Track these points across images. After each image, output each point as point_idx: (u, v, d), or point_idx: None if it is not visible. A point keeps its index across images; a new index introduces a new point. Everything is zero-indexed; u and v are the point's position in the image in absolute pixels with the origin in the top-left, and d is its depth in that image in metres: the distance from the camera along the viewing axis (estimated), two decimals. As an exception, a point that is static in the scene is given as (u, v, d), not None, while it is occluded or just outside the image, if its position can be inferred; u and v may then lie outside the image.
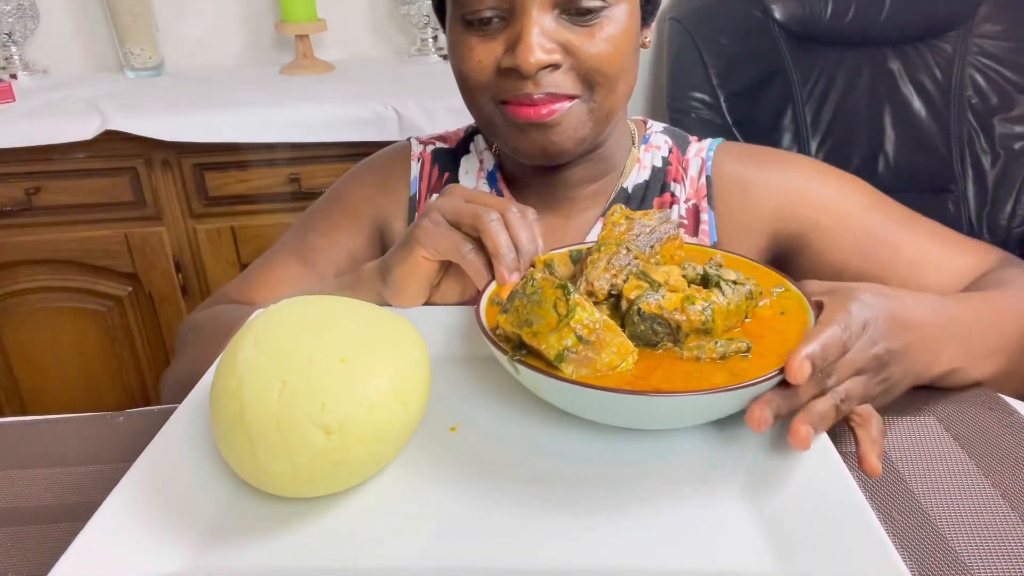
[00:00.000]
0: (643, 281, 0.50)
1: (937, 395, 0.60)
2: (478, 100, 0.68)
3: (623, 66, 0.66)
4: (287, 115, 1.46)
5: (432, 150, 0.83)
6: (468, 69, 0.66)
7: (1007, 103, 1.62)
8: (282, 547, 0.42)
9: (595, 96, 0.66)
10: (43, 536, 0.48)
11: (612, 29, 0.64)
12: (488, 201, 0.57)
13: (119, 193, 1.52)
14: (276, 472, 0.42)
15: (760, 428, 0.43)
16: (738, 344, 0.47)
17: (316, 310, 0.47)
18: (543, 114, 0.65)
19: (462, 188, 0.60)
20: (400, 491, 0.46)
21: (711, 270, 0.52)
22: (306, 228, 0.83)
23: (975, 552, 0.45)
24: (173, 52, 1.85)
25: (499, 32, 0.64)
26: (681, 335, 0.48)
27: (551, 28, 0.63)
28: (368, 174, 0.85)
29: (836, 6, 1.61)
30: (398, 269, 0.59)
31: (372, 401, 0.42)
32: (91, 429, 0.60)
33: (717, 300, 0.49)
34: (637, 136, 0.80)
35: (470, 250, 0.55)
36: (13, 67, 1.77)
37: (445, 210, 0.57)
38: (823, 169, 0.78)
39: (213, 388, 0.45)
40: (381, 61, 1.90)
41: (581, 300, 0.45)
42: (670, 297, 0.48)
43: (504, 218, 0.55)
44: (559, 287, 0.45)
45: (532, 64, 0.61)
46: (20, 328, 1.62)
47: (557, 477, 0.47)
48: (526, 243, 0.55)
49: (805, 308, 0.51)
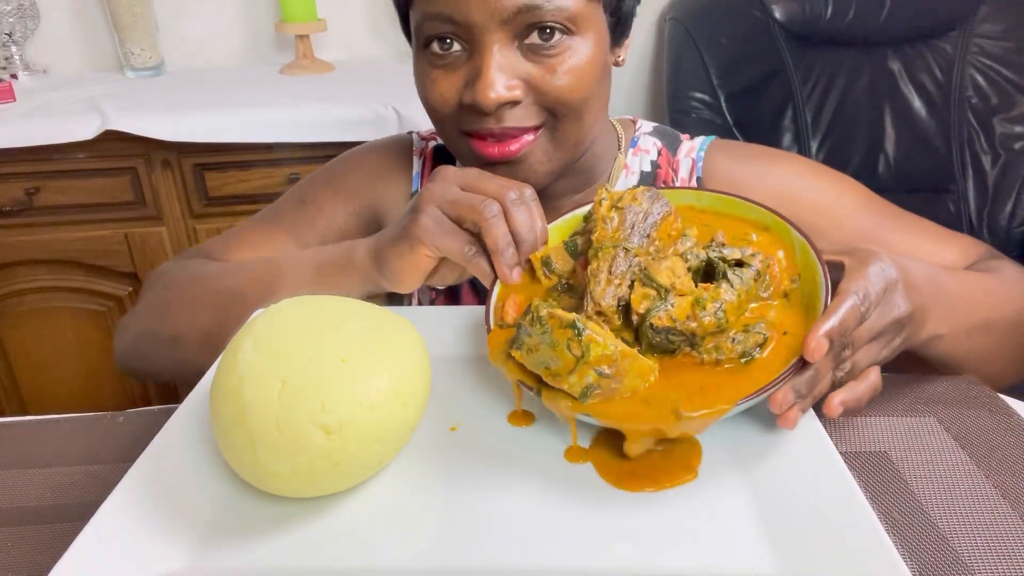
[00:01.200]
0: (649, 288, 0.48)
1: (937, 395, 0.60)
2: (445, 129, 0.68)
3: (587, 95, 0.64)
4: (287, 115, 1.46)
5: (434, 147, 0.83)
6: (431, 101, 0.65)
7: (1007, 103, 1.62)
8: (282, 547, 0.42)
9: (559, 125, 0.65)
10: (43, 536, 0.48)
11: (575, 60, 0.62)
12: (484, 187, 0.56)
13: (119, 193, 1.52)
14: (276, 472, 0.42)
15: (781, 410, 0.44)
16: (756, 337, 0.47)
17: (316, 310, 0.47)
18: (510, 151, 0.64)
19: (454, 171, 0.58)
20: (400, 491, 0.46)
21: (714, 254, 0.50)
22: (299, 199, 0.82)
23: (975, 552, 0.45)
24: (173, 52, 1.85)
25: (460, 64, 0.63)
26: (697, 339, 0.48)
27: (511, 62, 0.61)
28: (370, 158, 0.84)
29: (836, 6, 1.61)
30: (398, 263, 0.58)
31: (372, 401, 0.42)
32: (91, 429, 0.60)
33: (727, 297, 0.48)
34: (624, 140, 0.79)
35: (474, 252, 0.55)
36: (13, 67, 1.77)
37: (443, 203, 0.56)
38: (815, 168, 0.78)
39: (213, 388, 0.45)
40: (381, 61, 1.90)
41: (593, 336, 0.45)
42: (680, 304, 0.47)
43: (503, 207, 0.55)
44: (568, 326, 0.45)
45: (492, 100, 0.60)
46: (20, 328, 1.62)
47: (557, 477, 0.47)
48: (525, 233, 0.55)
49: (816, 270, 0.50)
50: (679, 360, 0.48)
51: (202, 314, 0.68)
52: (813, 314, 0.48)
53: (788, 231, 0.53)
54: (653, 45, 1.95)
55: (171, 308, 0.72)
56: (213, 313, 0.67)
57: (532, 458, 0.48)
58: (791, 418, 0.45)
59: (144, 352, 0.74)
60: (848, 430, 0.56)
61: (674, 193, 0.59)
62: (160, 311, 0.72)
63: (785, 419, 0.45)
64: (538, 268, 0.55)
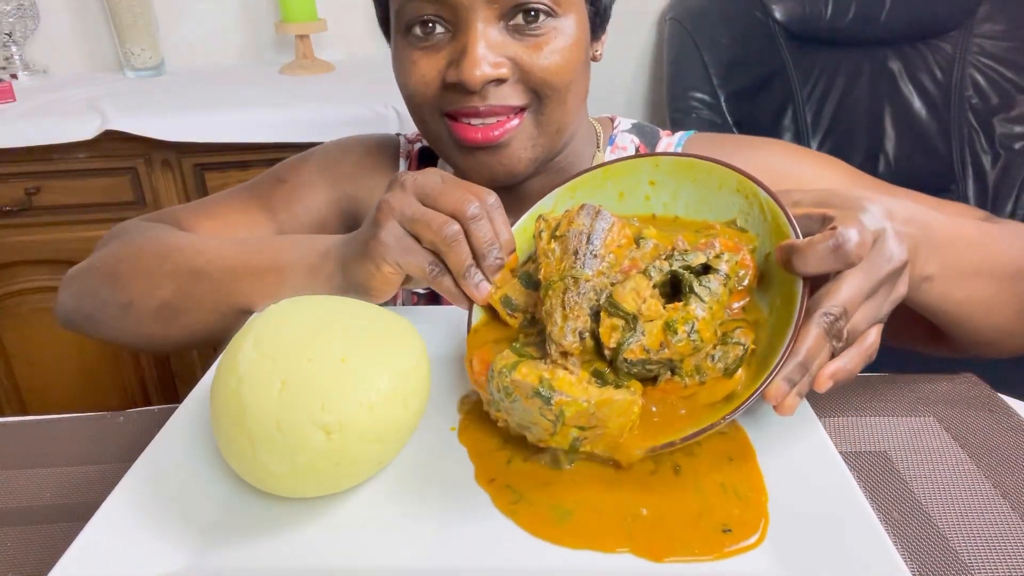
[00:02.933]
0: (616, 318, 0.46)
1: (937, 395, 0.60)
2: (423, 114, 0.67)
3: (572, 78, 0.64)
4: (287, 115, 1.46)
5: (419, 148, 0.83)
6: (412, 84, 0.65)
7: (1007, 103, 1.62)
8: (282, 547, 0.42)
9: (544, 108, 0.65)
10: (43, 536, 0.48)
11: (560, 41, 0.62)
12: (442, 202, 0.53)
13: (119, 193, 1.52)
14: (276, 472, 0.42)
15: (777, 402, 0.43)
16: (735, 349, 0.46)
17: (316, 310, 0.47)
18: (493, 136, 0.63)
19: (412, 180, 0.55)
20: (400, 491, 0.46)
21: (678, 264, 0.47)
22: (277, 178, 0.81)
23: (975, 552, 0.45)
24: (173, 52, 1.85)
25: (443, 45, 0.63)
26: (676, 363, 0.46)
27: (497, 41, 0.61)
28: (356, 151, 0.83)
29: (836, 6, 1.61)
30: (368, 282, 0.56)
31: (372, 401, 0.42)
32: (91, 429, 0.60)
33: (699, 314, 0.45)
34: (602, 138, 0.79)
35: (437, 272, 0.53)
36: (13, 67, 1.77)
37: (402, 219, 0.53)
38: (797, 149, 0.78)
39: (213, 388, 0.45)
40: (381, 61, 1.89)
41: (563, 399, 0.43)
42: (651, 331, 0.45)
43: (462, 224, 0.52)
44: (534, 395, 0.43)
45: (478, 78, 0.60)
46: (20, 328, 1.62)
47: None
48: (487, 248, 0.52)
49: (787, 234, 0.48)
50: (663, 387, 0.47)
51: (162, 285, 0.65)
52: (791, 292, 0.46)
53: (756, 193, 0.51)
54: (653, 45, 1.95)
55: (127, 272, 0.68)
56: (175, 286, 0.64)
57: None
58: (789, 405, 0.43)
59: (88, 312, 0.71)
60: (848, 430, 0.56)
61: (632, 164, 0.57)
62: (113, 273, 0.68)
63: (782, 408, 0.44)
64: (501, 311, 0.53)
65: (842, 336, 0.45)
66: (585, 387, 0.44)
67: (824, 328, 0.44)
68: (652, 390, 0.47)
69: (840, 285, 0.45)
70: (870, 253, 0.46)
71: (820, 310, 0.44)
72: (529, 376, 0.44)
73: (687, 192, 0.56)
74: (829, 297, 0.45)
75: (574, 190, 0.61)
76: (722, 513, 0.43)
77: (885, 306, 0.48)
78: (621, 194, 0.59)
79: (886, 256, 0.46)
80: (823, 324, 0.44)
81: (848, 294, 0.45)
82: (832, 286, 0.45)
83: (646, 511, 0.43)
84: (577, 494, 0.45)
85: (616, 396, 0.44)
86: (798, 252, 0.45)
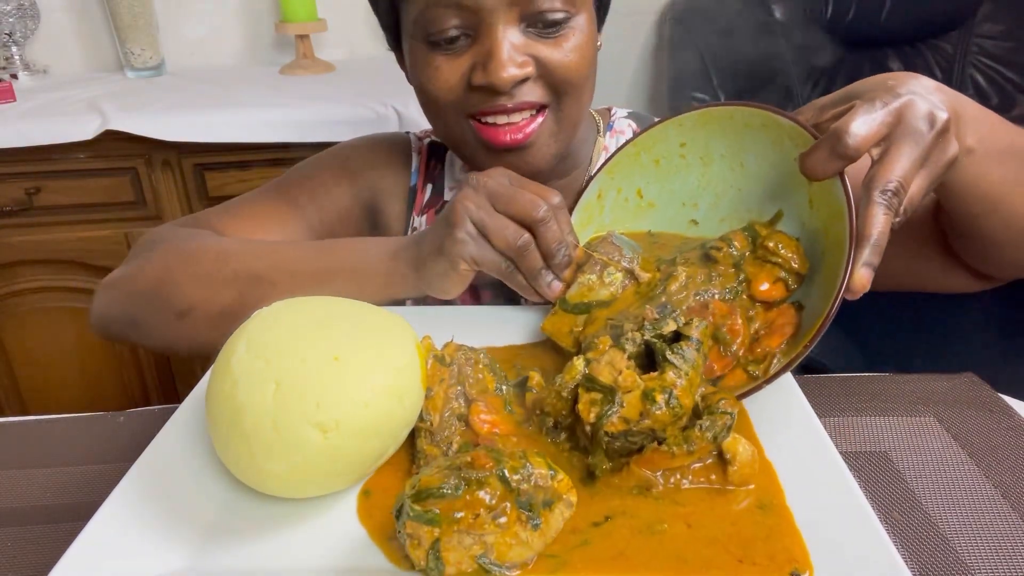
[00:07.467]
0: (593, 392, 0.45)
1: (937, 395, 0.60)
2: (446, 117, 0.68)
3: (588, 73, 0.66)
4: (287, 115, 1.46)
5: (428, 142, 0.85)
6: (436, 88, 0.66)
7: (1007, 103, 1.62)
8: (281, 547, 0.42)
9: (563, 104, 0.66)
10: (43, 536, 0.48)
11: (577, 39, 0.64)
12: (513, 207, 0.57)
13: (119, 193, 1.52)
14: (274, 472, 0.42)
15: (865, 289, 0.44)
16: (723, 418, 0.44)
17: (308, 311, 0.48)
18: (520, 139, 0.65)
19: (484, 181, 0.58)
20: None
21: (649, 334, 0.47)
22: (301, 175, 0.82)
23: (975, 552, 0.45)
24: (173, 52, 1.85)
25: (465, 49, 0.64)
26: (659, 434, 0.44)
27: (519, 42, 0.63)
28: (374, 149, 0.85)
29: (836, 6, 1.61)
30: (443, 282, 0.59)
31: (367, 398, 0.42)
32: (91, 429, 0.60)
33: (675, 381, 0.44)
34: (602, 125, 0.82)
35: (512, 269, 0.57)
36: (13, 67, 1.77)
37: (476, 221, 0.57)
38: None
39: (209, 391, 0.45)
40: (381, 61, 1.90)
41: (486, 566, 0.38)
42: (629, 402, 0.44)
43: (532, 229, 0.56)
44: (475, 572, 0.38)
45: (506, 80, 0.61)
46: (20, 328, 1.62)
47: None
48: (555, 249, 0.57)
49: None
50: (648, 457, 0.44)
51: (223, 292, 0.65)
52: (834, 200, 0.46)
53: (778, 124, 0.51)
54: (653, 45, 1.95)
55: (182, 279, 0.67)
56: (236, 292, 0.65)
57: (532, 458, 0.48)
58: (865, 282, 0.44)
59: (138, 318, 0.69)
60: (848, 430, 0.56)
61: (658, 131, 0.59)
62: (166, 280, 0.67)
63: (856, 288, 0.44)
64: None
65: (899, 211, 0.45)
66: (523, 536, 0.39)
67: (886, 205, 0.44)
68: (638, 458, 0.45)
69: (891, 159, 0.45)
70: (905, 122, 0.46)
71: (877, 188, 0.44)
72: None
73: (717, 143, 0.58)
74: (883, 173, 0.45)
75: (612, 173, 0.64)
76: None
77: (938, 170, 0.48)
78: (657, 161, 0.63)
79: (926, 119, 0.46)
80: (883, 202, 0.44)
81: (901, 166, 0.45)
82: (884, 160, 0.45)
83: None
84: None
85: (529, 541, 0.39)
86: (804, 162, 0.45)
